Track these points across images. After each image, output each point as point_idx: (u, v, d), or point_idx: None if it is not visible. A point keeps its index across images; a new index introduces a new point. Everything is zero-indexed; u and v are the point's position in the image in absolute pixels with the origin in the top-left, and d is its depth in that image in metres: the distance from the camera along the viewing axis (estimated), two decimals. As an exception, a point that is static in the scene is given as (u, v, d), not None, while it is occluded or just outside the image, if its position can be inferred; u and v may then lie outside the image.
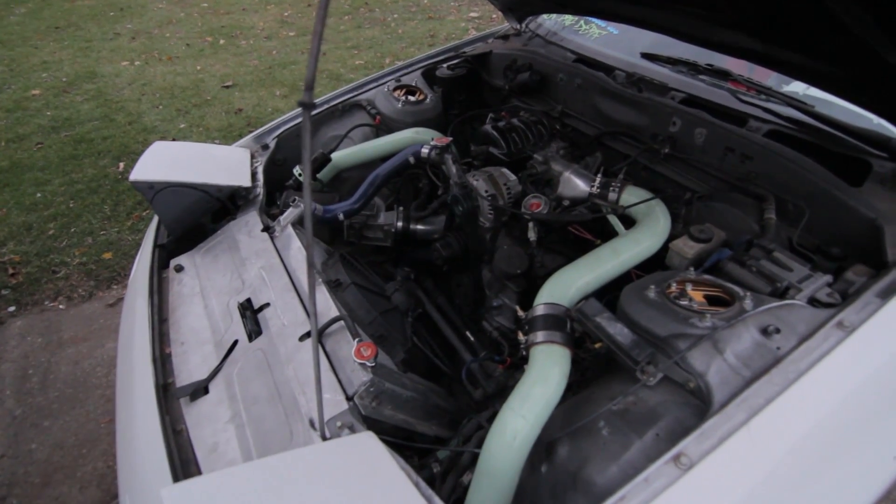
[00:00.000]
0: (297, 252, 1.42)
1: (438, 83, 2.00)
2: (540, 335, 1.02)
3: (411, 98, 1.93)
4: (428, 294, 1.83)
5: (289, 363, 1.12)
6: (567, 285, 1.12)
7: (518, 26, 2.19)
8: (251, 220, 1.57)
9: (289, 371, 1.10)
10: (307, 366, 1.14)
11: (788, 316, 0.90)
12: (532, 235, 1.39)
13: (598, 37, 1.90)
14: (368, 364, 1.03)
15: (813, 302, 0.96)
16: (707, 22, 1.23)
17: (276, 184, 1.83)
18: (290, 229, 1.49)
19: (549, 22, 2.14)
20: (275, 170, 1.87)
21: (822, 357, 0.82)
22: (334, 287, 1.33)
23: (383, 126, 1.89)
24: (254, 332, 1.22)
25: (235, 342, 1.22)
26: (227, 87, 4.61)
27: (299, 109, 2.02)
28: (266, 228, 1.52)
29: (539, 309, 1.08)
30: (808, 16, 0.92)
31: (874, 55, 0.89)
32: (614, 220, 1.33)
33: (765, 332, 0.87)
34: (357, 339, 1.08)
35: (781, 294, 0.98)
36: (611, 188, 1.37)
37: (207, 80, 4.73)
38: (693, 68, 1.52)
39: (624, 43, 1.79)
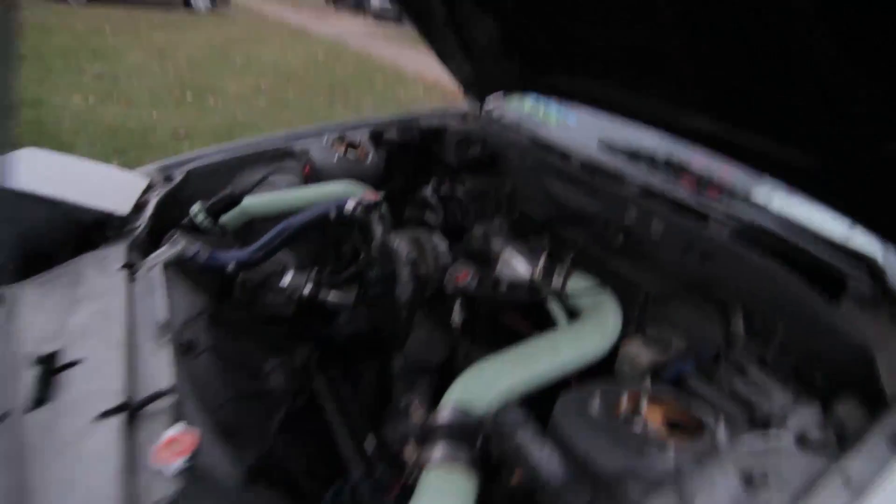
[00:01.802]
0: (155, 301, 1.09)
1: (385, 145, 1.84)
2: (438, 451, 0.72)
3: (351, 153, 1.74)
4: (331, 384, 1.48)
5: (65, 451, 0.75)
6: (487, 383, 0.84)
7: (478, 107, 2.12)
8: (114, 255, 1.24)
9: (60, 464, 0.73)
10: (95, 458, 0.76)
11: (777, 460, 0.65)
12: (457, 318, 1.13)
13: (556, 125, 1.82)
14: (174, 467, 0.68)
15: (802, 440, 0.72)
16: (671, 103, 1.13)
17: (172, 223, 1.52)
18: (157, 272, 1.17)
19: (509, 112, 2.09)
20: (176, 207, 1.57)
21: (832, 531, 0.55)
22: (184, 351, 0.99)
23: (313, 176, 1.67)
24: (39, 399, 0.85)
25: (4, 415, 0.83)
26: (179, 137, 4.40)
27: (223, 144, 1.80)
28: (128, 266, 1.19)
29: (444, 413, 0.78)
30: (790, 87, 0.79)
31: (866, 143, 0.76)
32: (556, 309, 1.09)
33: (749, 480, 0.60)
34: (178, 426, 0.74)
35: (762, 424, 0.74)
36: (555, 273, 1.16)
37: (160, 127, 4.52)
38: (651, 162, 1.42)
39: (581, 133, 1.71)
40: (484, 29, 1.55)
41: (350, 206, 1.38)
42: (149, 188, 1.55)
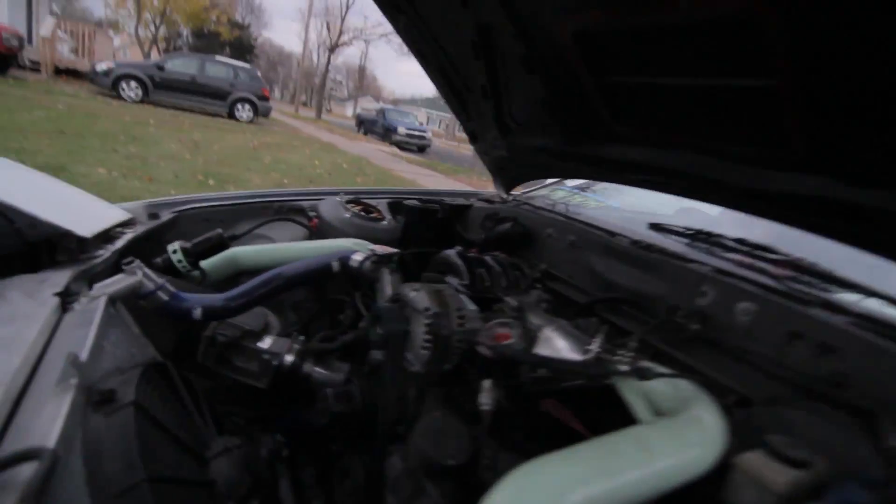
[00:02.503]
0: (80, 339, 0.81)
1: (404, 213, 1.66)
2: None
3: (364, 214, 1.56)
4: (301, 486, 1.11)
5: None
6: (551, 493, 0.52)
7: (505, 195, 1.99)
8: (54, 280, 0.99)
9: None
10: None
11: None
12: (486, 402, 0.82)
13: (596, 207, 1.66)
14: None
15: None
16: (758, 165, 0.95)
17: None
18: (100, 305, 0.91)
19: (541, 198, 1.95)
20: (156, 248, 1.34)
21: None
22: (95, 403, 0.69)
23: (320, 232, 1.47)
24: None
25: None
26: (191, 214, 4.36)
27: (224, 192, 1.63)
28: (65, 294, 0.94)
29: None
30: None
31: None
32: (635, 397, 0.78)
33: None
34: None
35: None
36: (616, 357, 0.87)
37: (175, 203, 4.51)
38: (716, 244, 1.20)
39: (626, 216, 1.53)
40: (527, 96, 1.47)
41: (358, 258, 1.15)
42: (128, 223, 1.35)
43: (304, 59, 32.11)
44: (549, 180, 2.14)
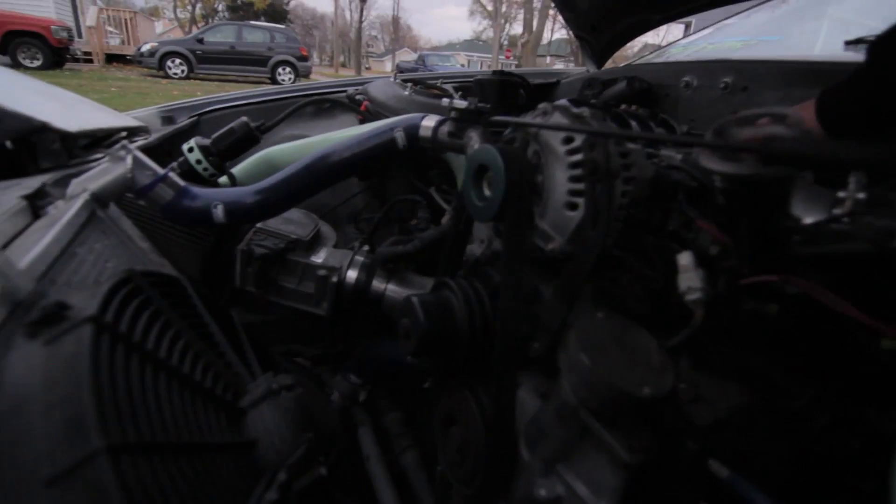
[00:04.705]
0: (34, 244, 0.54)
1: (476, 88, 1.27)
2: None
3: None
4: (387, 439, 0.84)
5: None
6: None
7: (597, 68, 1.55)
8: (28, 184, 0.73)
9: None
10: None
11: None
12: (696, 287, 0.46)
13: (743, 46, 1.19)
14: None
15: None
16: None
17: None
18: (75, 207, 0.63)
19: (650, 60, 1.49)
20: (170, 162, 1.07)
21: None
22: (33, 325, 0.40)
23: (370, 116, 1.13)
24: None
25: None
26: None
27: (251, 90, 1.33)
28: (35, 196, 0.68)
29: None
30: None
31: None
32: None
33: None
34: None
35: None
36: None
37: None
38: None
39: (800, 43, 1.06)
40: None
41: (430, 124, 0.81)
42: (137, 131, 1.08)
43: (336, 17, 31.32)
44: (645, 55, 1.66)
